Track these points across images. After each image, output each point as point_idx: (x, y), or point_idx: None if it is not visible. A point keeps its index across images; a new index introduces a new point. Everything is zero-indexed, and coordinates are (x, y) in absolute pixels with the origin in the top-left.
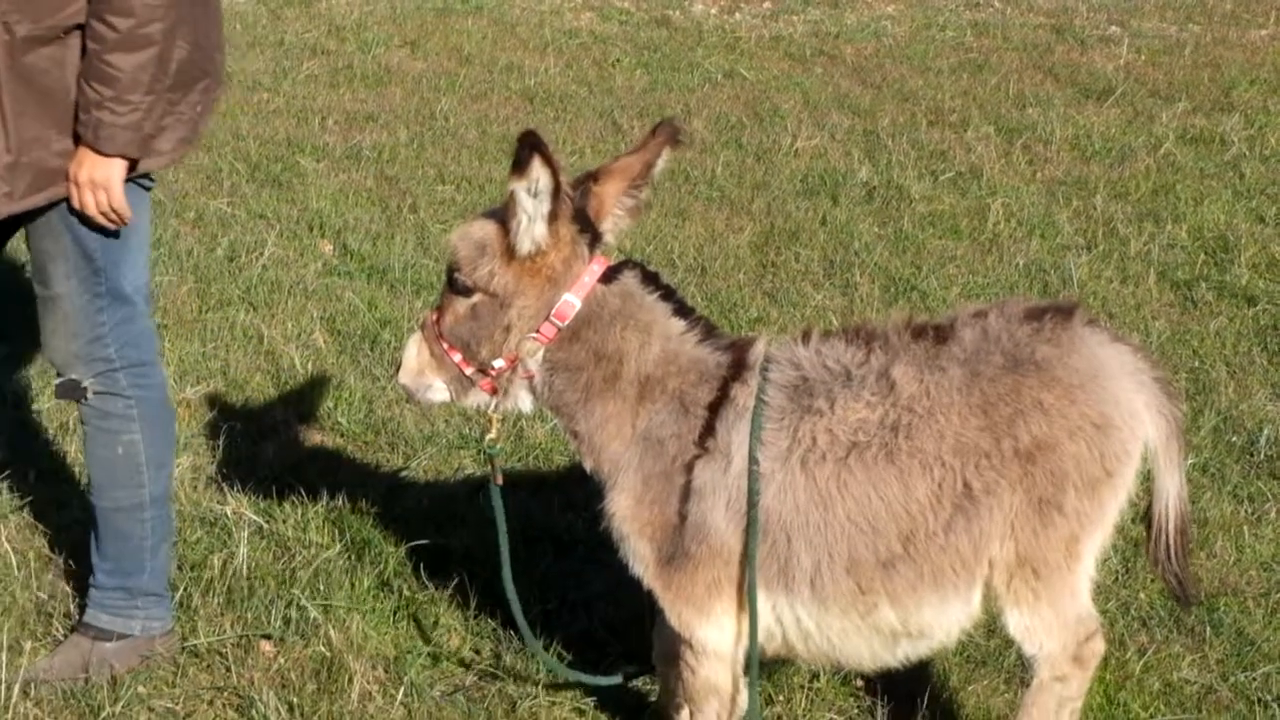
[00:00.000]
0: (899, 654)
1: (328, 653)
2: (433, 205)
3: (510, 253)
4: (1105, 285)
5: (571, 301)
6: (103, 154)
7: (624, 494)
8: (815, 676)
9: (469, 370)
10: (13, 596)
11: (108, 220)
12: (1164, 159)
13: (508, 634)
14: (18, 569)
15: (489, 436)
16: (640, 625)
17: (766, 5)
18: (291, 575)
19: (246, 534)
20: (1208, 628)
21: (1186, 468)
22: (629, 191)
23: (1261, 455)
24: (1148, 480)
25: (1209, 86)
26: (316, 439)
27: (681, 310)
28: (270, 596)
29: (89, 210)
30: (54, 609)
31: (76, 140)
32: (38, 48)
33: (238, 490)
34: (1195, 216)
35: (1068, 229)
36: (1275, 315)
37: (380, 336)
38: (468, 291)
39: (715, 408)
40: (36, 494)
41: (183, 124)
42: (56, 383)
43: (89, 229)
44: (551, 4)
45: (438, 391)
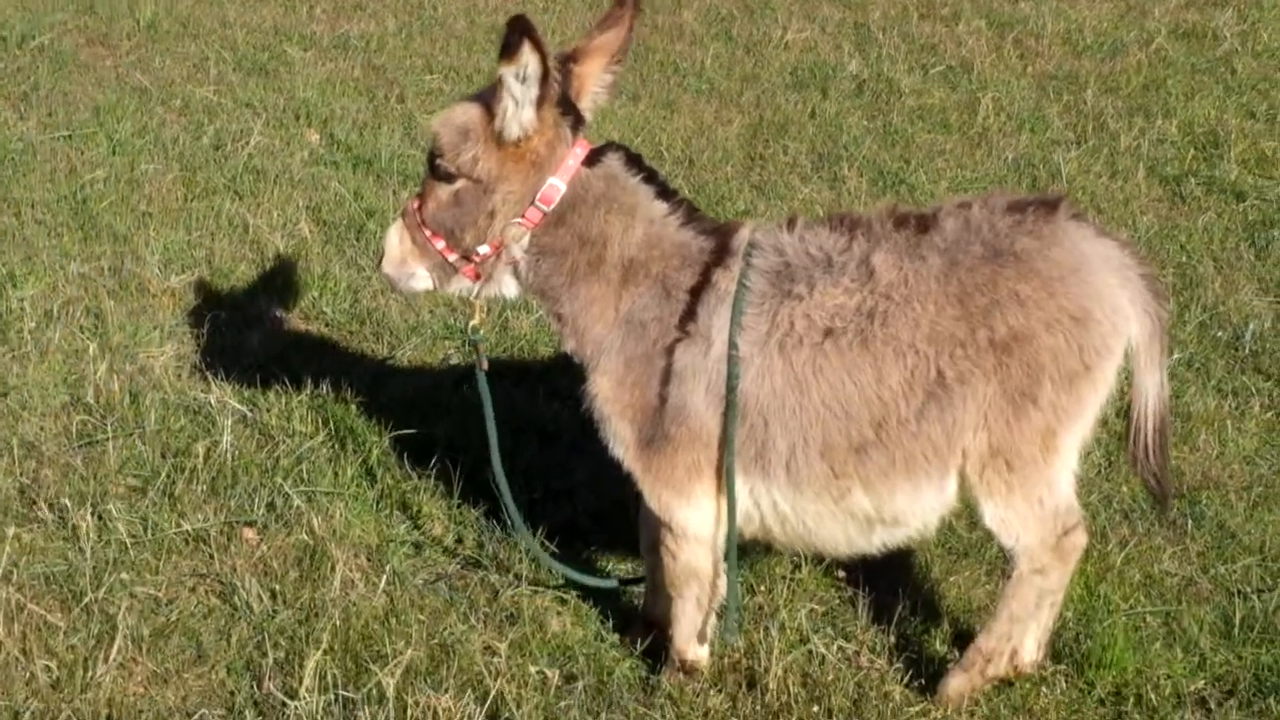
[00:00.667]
0: (875, 540)
1: (310, 540)
2: (420, 95)
3: (495, 138)
4: (1094, 180)
5: (556, 185)
6: None
7: (606, 376)
8: (797, 567)
9: (452, 257)
10: None
11: None
12: (1155, 54)
13: (490, 523)
14: (1, 455)
15: (472, 323)
16: (623, 513)
17: None
18: (275, 463)
19: (230, 422)
20: (1189, 521)
21: (1171, 363)
22: (608, 69)
23: (1246, 350)
24: (1129, 377)
25: None
26: (301, 328)
27: (664, 193)
28: (253, 484)
29: None
30: (37, 494)
31: None
32: None
33: (222, 379)
34: (1186, 112)
35: (1058, 124)
36: (1264, 211)
37: (366, 226)
38: (450, 177)
39: (697, 292)
40: (18, 381)
41: None
42: None
43: None
44: None
45: (420, 280)
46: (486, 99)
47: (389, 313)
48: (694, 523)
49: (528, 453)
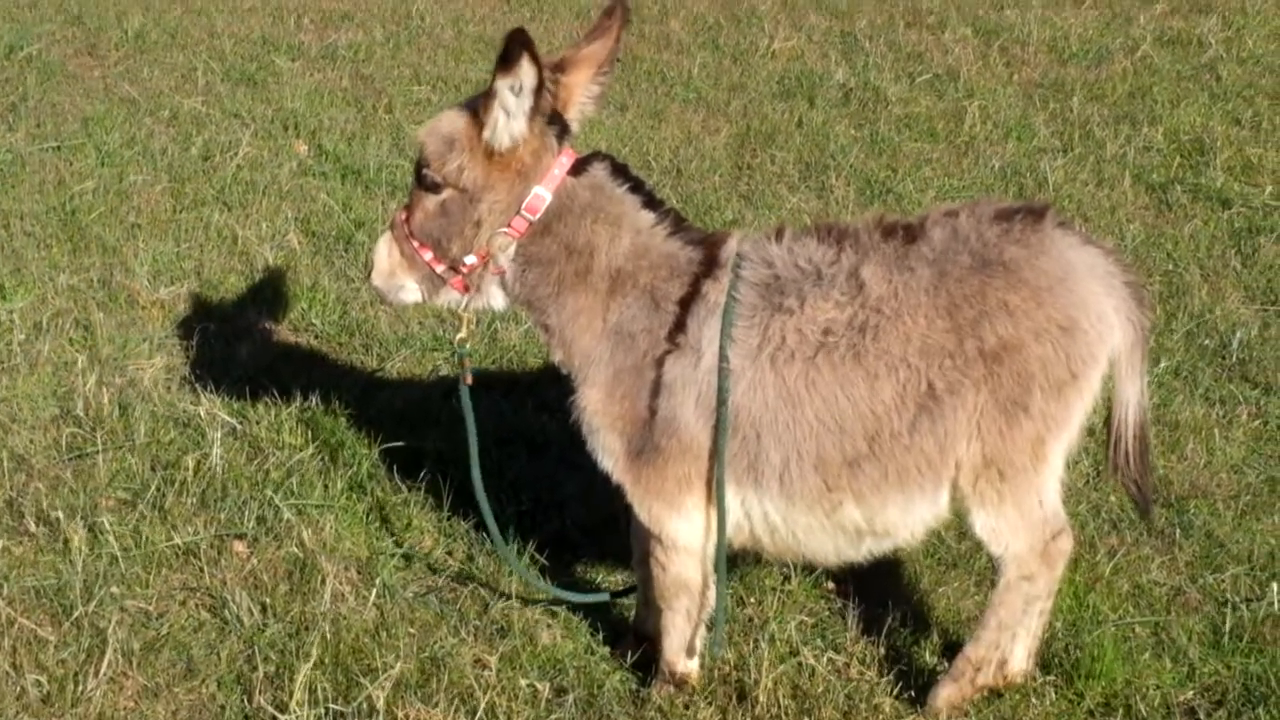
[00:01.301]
0: (863, 550)
1: (300, 553)
2: (408, 105)
3: (481, 147)
4: (1080, 188)
5: (542, 195)
6: None
7: (595, 388)
8: (786, 579)
9: (440, 268)
10: None
11: None
12: (1141, 61)
13: (480, 536)
14: None
15: (459, 335)
16: (612, 526)
17: None
18: (265, 476)
19: (220, 435)
20: (1177, 530)
21: (1159, 372)
22: (595, 79)
23: (1233, 358)
24: (1112, 385)
25: None
26: (291, 340)
27: (651, 202)
28: (243, 497)
29: None
30: (26, 507)
31: None
32: None
33: (211, 391)
34: (1171, 119)
35: (1044, 131)
36: (1249, 218)
37: (355, 237)
38: (437, 188)
39: (686, 303)
40: (7, 394)
41: None
42: None
43: None
44: None
45: (410, 292)
46: (473, 108)
47: (378, 324)
48: (684, 535)
49: (516, 465)
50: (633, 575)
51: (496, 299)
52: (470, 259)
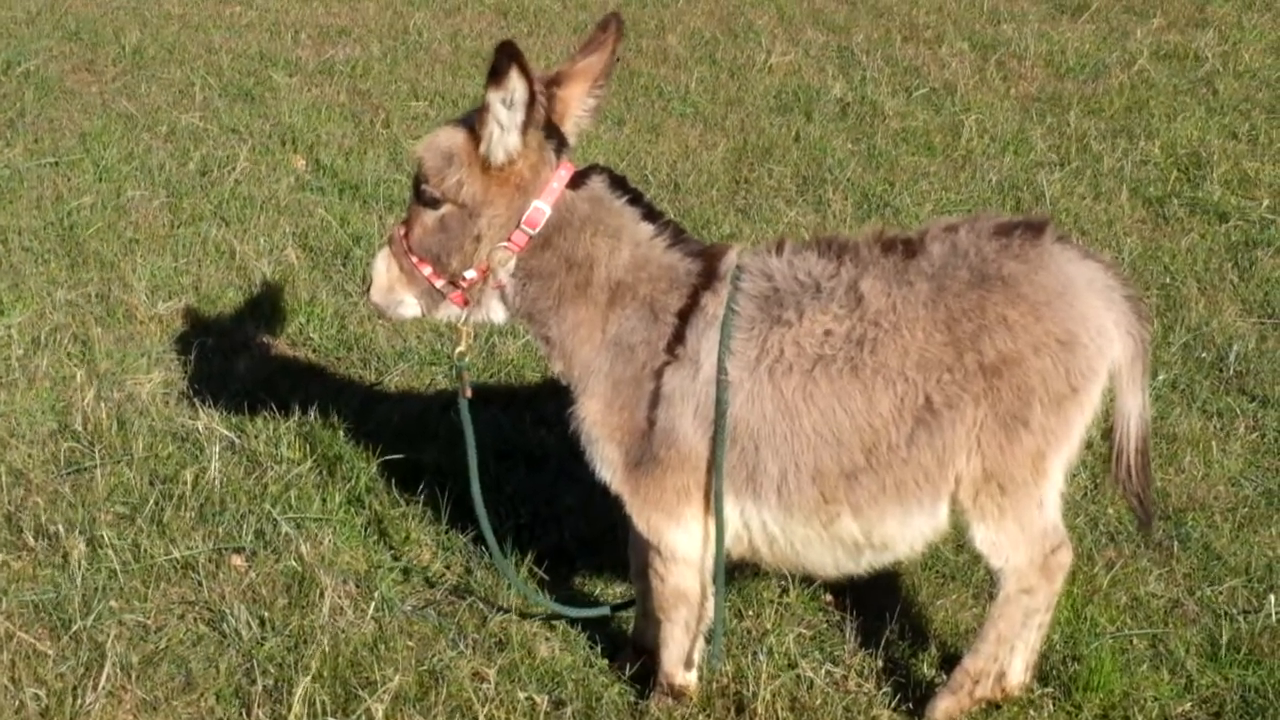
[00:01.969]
0: (862, 563)
1: (299, 567)
2: (405, 120)
3: (479, 162)
4: (1078, 202)
5: (542, 208)
6: None
7: (594, 399)
8: (785, 591)
9: (439, 283)
10: None
11: None
12: (1138, 75)
13: (479, 549)
14: None
15: (458, 349)
16: (611, 539)
17: None
18: (263, 490)
19: (218, 449)
20: (1175, 542)
21: (1156, 385)
22: (591, 92)
23: (1231, 371)
24: (1112, 398)
25: (1183, 2)
26: (289, 354)
27: (650, 215)
28: (242, 511)
29: None
30: (24, 522)
31: None
32: None
33: (209, 405)
34: (1168, 133)
35: (1041, 145)
36: (1246, 232)
37: (353, 252)
38: (435, 203)
39: (685, 315)
40: (6, 409)
41: None
42: None
43: None
44: None
45: (409, 307)
46: (470, 123)
47: (376, 339)
48: (683, 545)
49: (515, 478)
50: (631, 588)
51: (496, 313)
52: (470, 274)
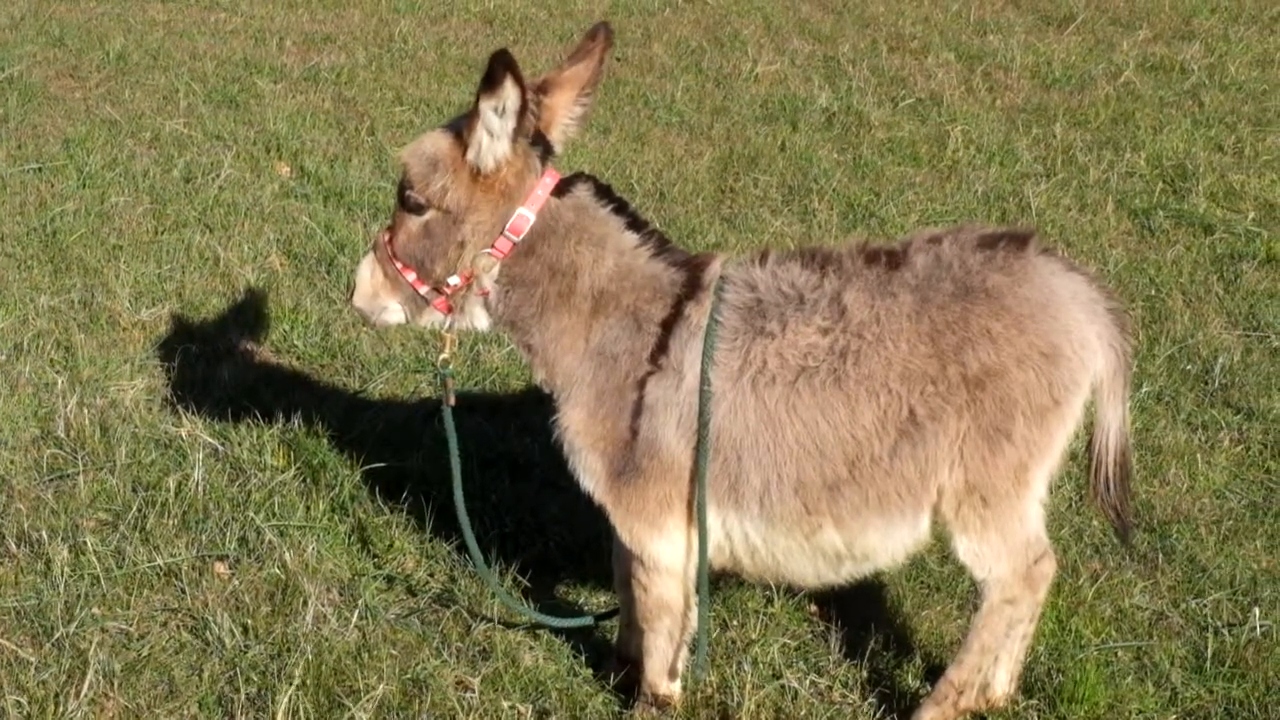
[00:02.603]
0: (843, 573)
1: (282, 575)
2: (391, 128)
3: (465, 168)
4: (1063, 213)
5: (526, 215)
6: None
7: (577, 408)
8: (769, 601)
9: (423, 289)
10: None
11: None
12: (1124, 87)
13: (462, 558)
14: None
15: (442, 356)
16: (595, 548)
17: None
18: (247, 497)
19: (202, 456)
20: (1160, 555)
21: (1141, 397)
22: (578, 101)
23: (1216, 384)
24: (1092, 411)
25: (1170, 14)
26: (273, 362)
27: (635, 224)
28: (225, 519)
29: None
30: (6, 529)
31: None
32: None
33: (193, 412)
34: (1154, 145)
35: (1027, 156)
36: (1232, 244)
37: (337, 259)
38: (420, 209)
39: (669, 325)
40: None
41: None
42: None
43: None
44: None
45: (393, 313)
46: (457, 129)
47: (360, 346)
48: (666, 555)
49: (499, 487)
50: (615, 598)
51: (480, 320)
52: (454, 280)
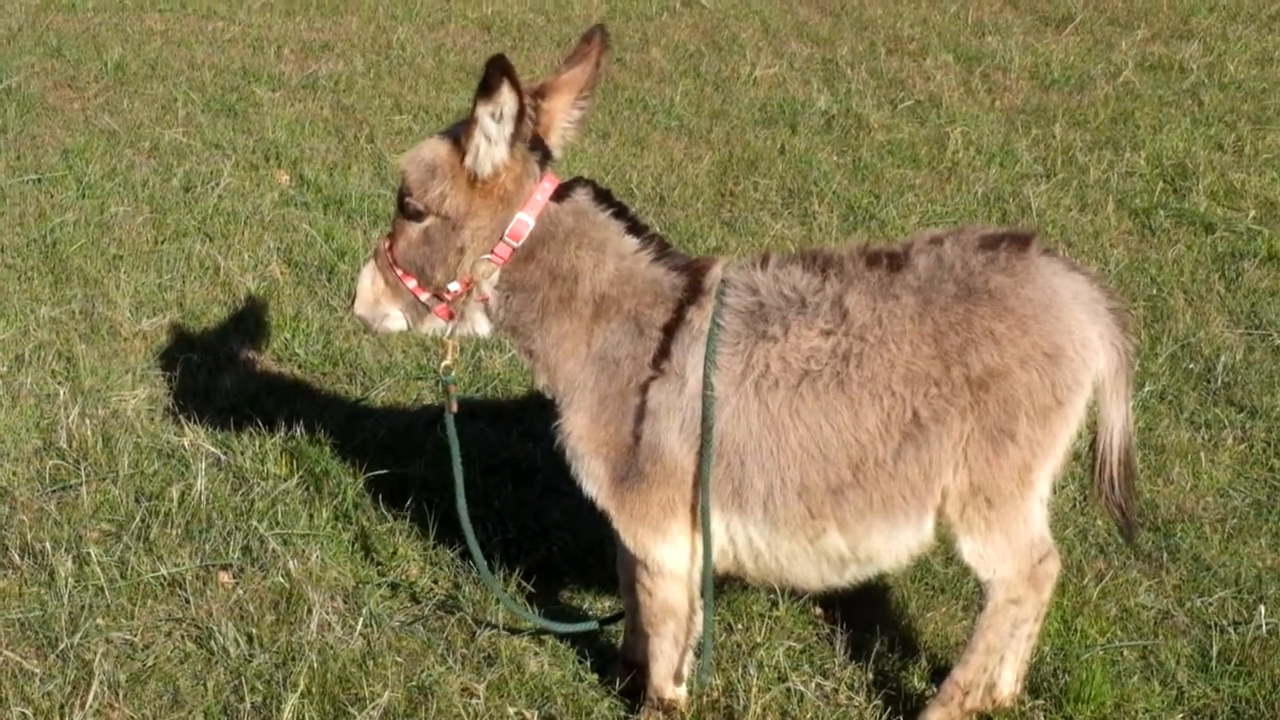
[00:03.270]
0: (847, 576)
1: (286, 583)
2: (390, 135)
3: (463, 174)
4: (1064, 213)
5: (525, 220)
6: None
7: (580, 413)
8: (774, 604)
9: (424, 296)
10: None
11: None
12: (1123, 87)
13: (466, 564)
14: None
15: (444, 363)
16: (599, 553)
17: None
18: (250, 506)
19: (204, 465)
20: (1164, 553)
21: (1144, 396)
22: (576, 104)
23: (1218, 382)
24: (1096, 410)
25: (1168, 13)
26: (274, 370)
27: (635, 228)
28: (228, 528)
29: None
30: (9, 540)
31: None
32: None
33: (195, 422)
34: (1154, 144)
35: (1026, 157)
36: (1233, 242)
37: (338, 267)
38: (419, 215)
39: (671, 329)
40: None
41: None
42: None
43: None
44: None
45: (394, 320)
46: (455, 135)
47: (362, 354)
48: (670, 560)
49: (502, 493)
50: (619, 602)
51: (481, 325)
52: (454, 286)
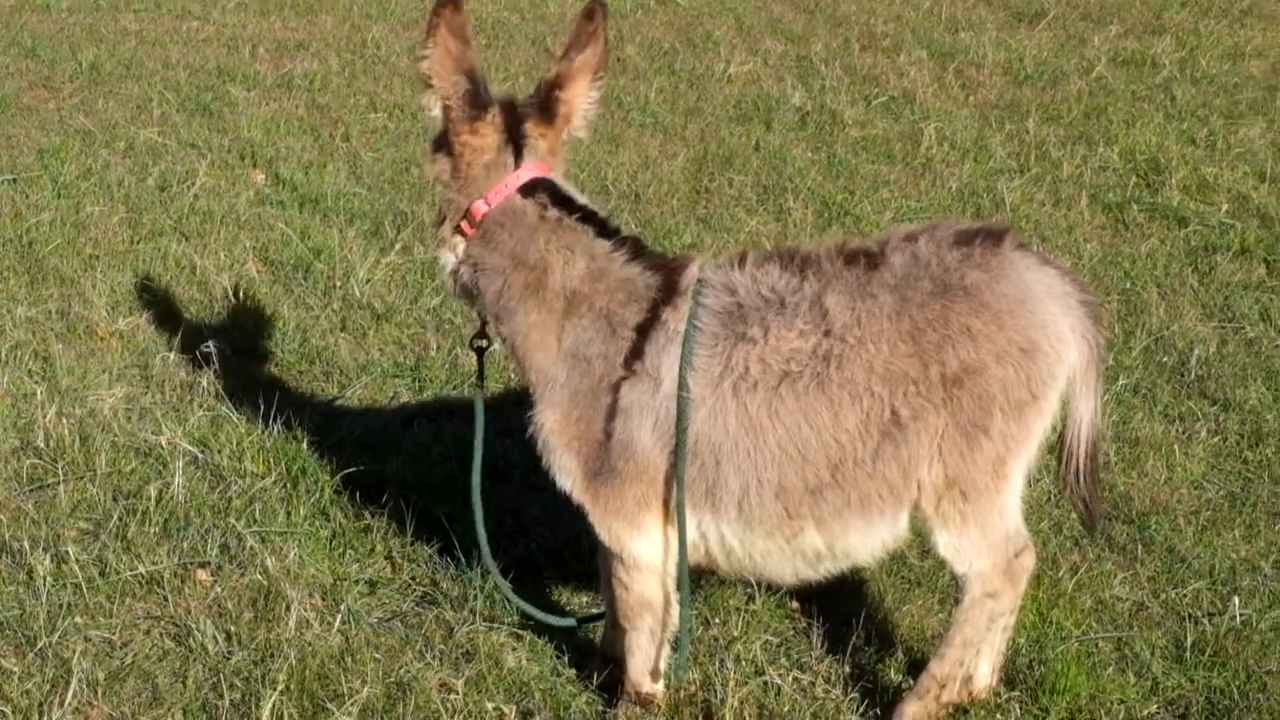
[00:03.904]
0: (821, 571)
1: (264, 581)
2: (365, 134)
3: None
4: (1038, 208)
5: (481, 207)
6: None
7: (552, 408)
8: (751, 599)
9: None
10: None
11: None
12: (1096, 82)
13: (444, 560)
14: None
15: (480, 341)
16: (577, 549)
17: None
18: (228, 504)
19: (182, 464)
20: (1139, 545)
21: (1118, 389)
22: (593, 85)
23: (1192, 375)
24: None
25: (1140, 9)
26: (251, 368)
27: (605, 230)
28: (206, 526)
29: None
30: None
31: None
32: None
33: (172, 420)
34: (1127, 139)
35: (1000, 153)
36: (1205, 236)
37: (314, 266)
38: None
39: (645, 330)
40: None
41: None
42: None
43: None
44: None
45: (444, 256)
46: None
47: (338, 352)
48: (646, 553)
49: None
50: (598, 598)
51: (450, 283)
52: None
